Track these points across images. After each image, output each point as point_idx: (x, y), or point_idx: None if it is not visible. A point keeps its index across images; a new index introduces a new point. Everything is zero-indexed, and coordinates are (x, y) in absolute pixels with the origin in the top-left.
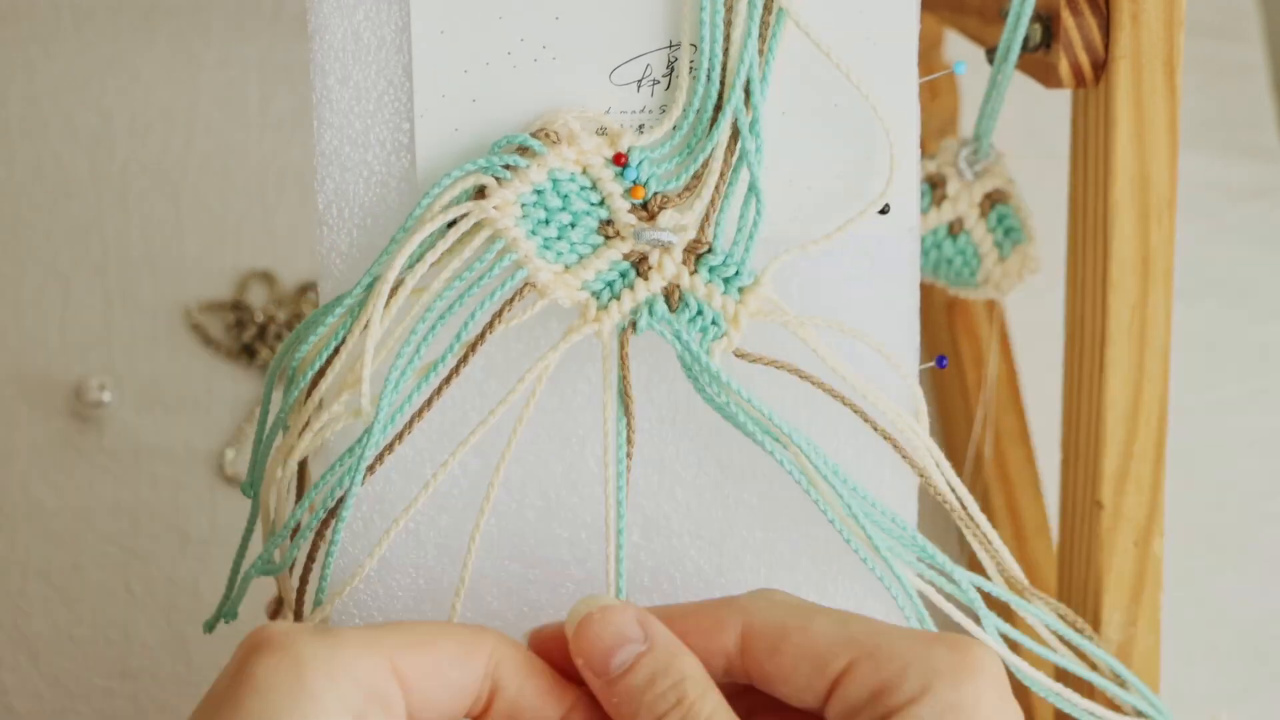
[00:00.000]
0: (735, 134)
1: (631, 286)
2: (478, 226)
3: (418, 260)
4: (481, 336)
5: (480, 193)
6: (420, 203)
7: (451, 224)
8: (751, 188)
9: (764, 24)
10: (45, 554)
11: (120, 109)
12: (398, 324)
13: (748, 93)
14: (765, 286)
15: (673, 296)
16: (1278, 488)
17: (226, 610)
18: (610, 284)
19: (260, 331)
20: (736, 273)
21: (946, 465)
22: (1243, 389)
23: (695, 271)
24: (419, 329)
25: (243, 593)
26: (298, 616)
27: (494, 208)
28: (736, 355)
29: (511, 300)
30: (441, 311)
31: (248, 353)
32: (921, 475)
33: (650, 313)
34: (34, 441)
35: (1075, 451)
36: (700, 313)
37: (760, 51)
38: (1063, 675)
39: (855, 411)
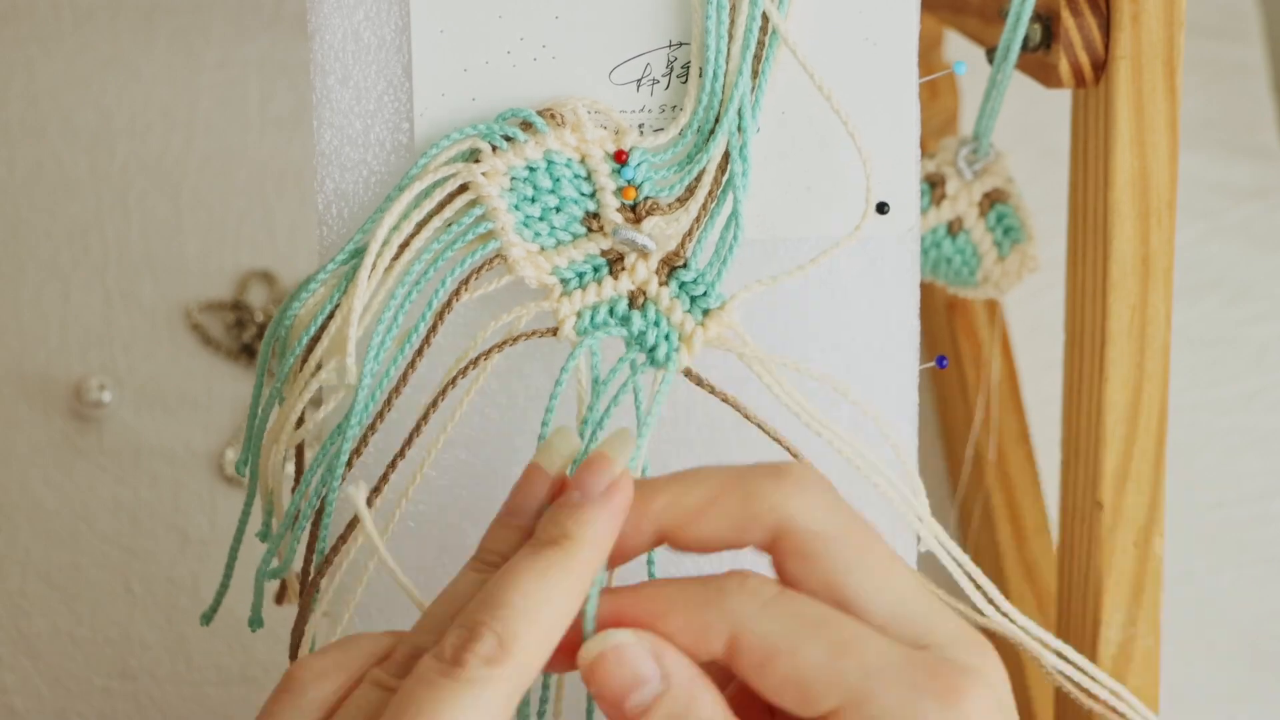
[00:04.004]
0: (728, 154)
1: (600, 282)
2: (462, 190)
3: (405, 220)
4: (449, 304)
5: (475, 158)
6: (418, 162)
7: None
8: (733, 213)
9: (760, 44)
10: (45, 554)
11: (120, 109)
12: (383, 287)
13: (741, 115)
14: (730, 313)
15: (637, 301)
16: (1278, 487)
17: (252, 616)
18: (580, 275)
19: (260, 331)
20: (705, 293)
21: (921, 503)
22: (1242, 388)
23: (665, 284)
24: (398, 294)
25: (261, 595)
26: (304, 609)
27: (482, 174)
28: (684, 374)
29: (480, 269)
30: (418, 277)
31: (248, 353)
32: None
33: (611, 312)
34: (34, 441)
35: (1075, 451)
36: (656, 324)
37: (754, 73)
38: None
39: (790, 452)
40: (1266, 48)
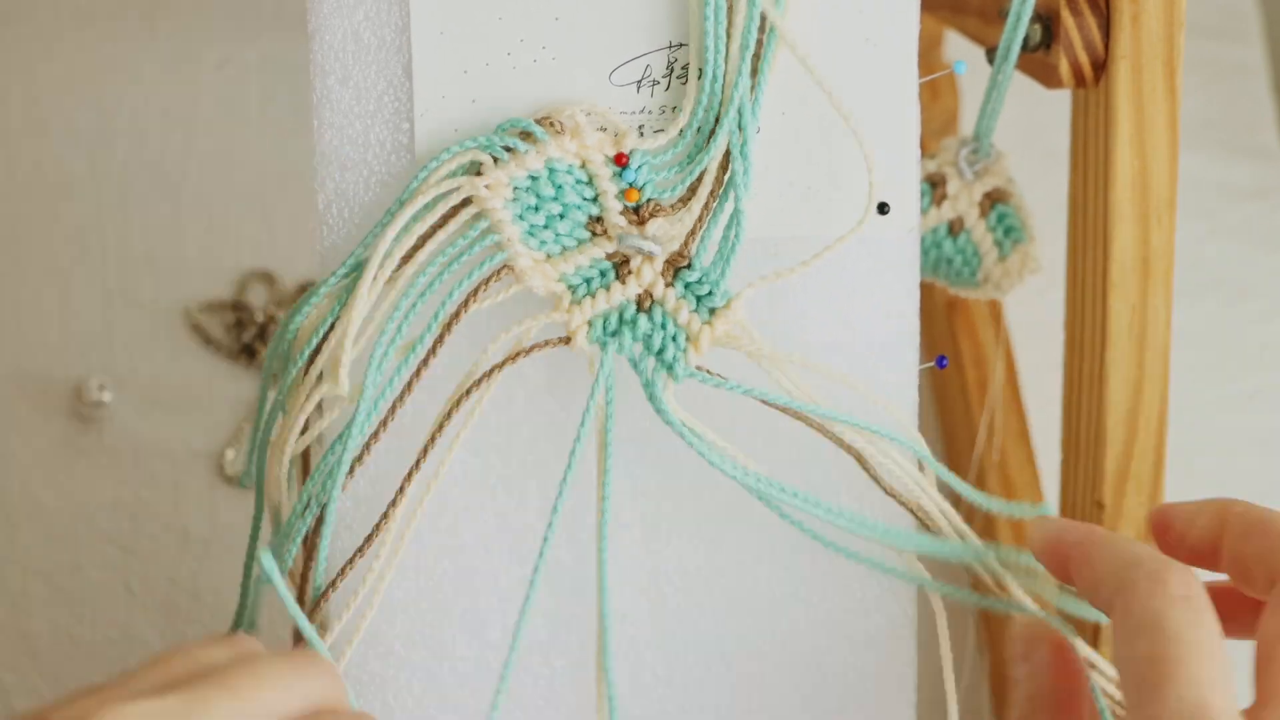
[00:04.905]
0: (729, 153)
1: (608, 288)
2: (466, 203)
3: (406, 233)
4: (457, 315)
5: (477, 171)
6: (417, 175)
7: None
8: (735, 211)
9: (758, 43)
10: (45, 554)
11: (120, 109)
12: (385, 300)
13: (741, 114)
14: (736, 311)
15: (643, 304)
16: (1278, 488)
17: (245, 620)
18: (588, 280)
19: (260, 331)
20: (710, 292)
21: (934, 493)
22: (1243, 388)
23: (671, 285)
24: (402, 304)
25: (259, 601)
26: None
27: (485, 186)
28: (696, 369)
29: (488, 280)
30: (423, 289)
31: (248, 353)
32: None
33: (621, 318)
34: (34, 441)
35: (1075, 451)
36: (663, 326)
37: (753, 72)
38: None
39: (829, 437)
40: (1266, 48)
